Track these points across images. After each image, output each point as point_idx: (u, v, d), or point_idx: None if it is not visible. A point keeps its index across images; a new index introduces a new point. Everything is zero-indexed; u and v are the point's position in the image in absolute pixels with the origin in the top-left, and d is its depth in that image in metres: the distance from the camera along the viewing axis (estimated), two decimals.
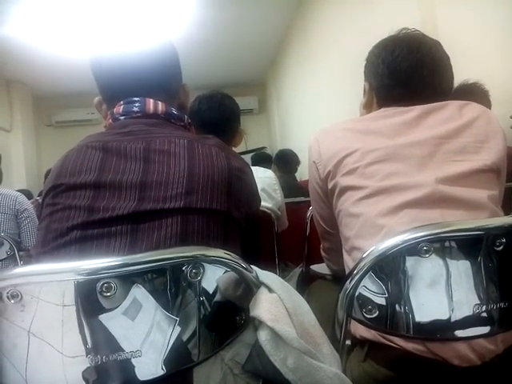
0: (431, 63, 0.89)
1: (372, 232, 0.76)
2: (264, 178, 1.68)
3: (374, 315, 0.62)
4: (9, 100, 5.35)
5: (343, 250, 0.86)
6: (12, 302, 0.53)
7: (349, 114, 1.14)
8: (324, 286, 1.16)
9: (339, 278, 1.05)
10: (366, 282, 0.62)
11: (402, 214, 0.75)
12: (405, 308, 0.64)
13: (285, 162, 3.48)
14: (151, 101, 0.79)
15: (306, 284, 1.33)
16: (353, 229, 0.80)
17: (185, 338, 0.58)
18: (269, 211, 1.58)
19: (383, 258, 0.61)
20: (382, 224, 0.75)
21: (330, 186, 0.87)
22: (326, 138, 0.90)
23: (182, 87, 0.89)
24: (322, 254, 1.11)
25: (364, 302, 0.62)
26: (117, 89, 0.82)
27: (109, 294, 0.55)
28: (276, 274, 0.66)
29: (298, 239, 1.65)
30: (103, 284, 0.54)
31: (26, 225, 2.28)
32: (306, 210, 1.73)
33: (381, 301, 0.63)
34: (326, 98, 3.68)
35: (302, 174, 3.97)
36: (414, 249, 0.62)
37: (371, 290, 0.63)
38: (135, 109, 0.79)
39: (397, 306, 0.64)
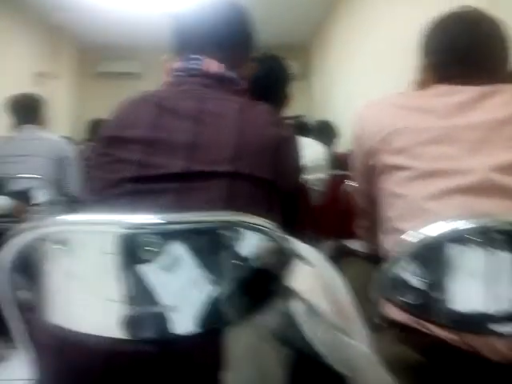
0: (490, 42, 0.85)
1: (416, 215, 0.74)
2: (313, 150, 1.65)
3: (410, 299, 0.62)
4: (56, 48, 5.42)
5: (381, 230, 0.84)
6: (59, 247, 0.56)
7: (398, 87, 1.09)
8: (356, 263, 1.15)
9: (372, 256, 1.04)
10: (406, 265, 0.61)
11: (450, 199, 0.72)
12: (442, 296, 0.62)
13: (323, 133, 3.42)
14: (209, 60, 0.79)
15: (337, 259, 1.33)
16: (395, 210, 0.78)
17: (219, 299, 0.59)
18: (307, 184, 1.57)
19: (426, 244, 0.60)
20: (428, 208, 0.73)
21: (371, 162, 0.85)
22: (373, 112, 0.88)
23: (246, 64, 0.89)
24: (357, 230, 1.10)
25: (401, 285, 0.62)
26: (186, 42, 0.83)
27: (150, 248, 0.56)
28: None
29: (331, 212, 1.64)
30: (145, 239, 0.56)
31: (69, 171, 2.35)
32: (341, 184, 1.71)
33: (419, 286, 0.62)
34: (374, 69, 3.53)
35: (340, 146, 3.90)
36: (460, 237, 0.60)
37: (410, 273, 0.61)
38: (192, 66, 0.79)
39: (434, 292, 0.62)
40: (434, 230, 0.59)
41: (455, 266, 0.62)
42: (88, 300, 0.59)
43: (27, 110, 2.38)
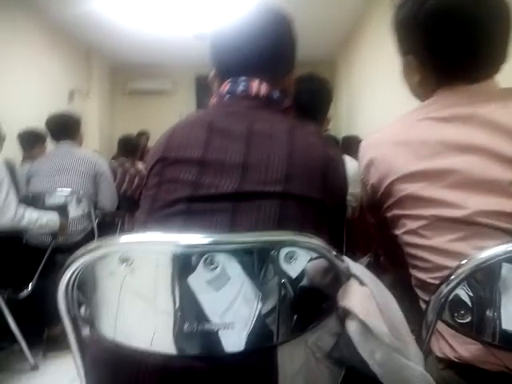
0: (496, 15, 0.71)
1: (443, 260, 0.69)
2: (349, 166, 1.65)
3: (466, 320, 0.61)
4: (88, 67, 5.61)
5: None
6: (123, 265, 0.58)
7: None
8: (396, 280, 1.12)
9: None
10: (462, 287, 0.60)
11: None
12: (496, 316, 0.61)
13: (350, 149, 3.39)
14: (256, 82, 0.81)
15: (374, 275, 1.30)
16: (419, 260, 0.73)
17: (270, 317, 0.60)
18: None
19: (483, 267, 0.59)
20: (454, 250, 0.68)
21: (382, 213, 0.79)
22: (376, 156, 0.78)
23: (290, 75, 0.90)
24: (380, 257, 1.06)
25: (456, 306, 0.61)
26: (228, 64, 0.84)
27: (206, 266, 0.57)
28: None
29: (366, 228, 1.62)
30: (201, 257, 0.57)
31: (103, 186, 2.43)
32: None
33: (473, 306, 0.61)
34: (400, 84, 3.49)
35: None
36: None
37: (465, 295, 0.61)
38: (240, 88, 0.81)
39: (488, 313, 0.61)
40: (490, 253, 0.58)
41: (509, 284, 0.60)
42: (142, 316, 0.61)
43: (64, 128, 2.48)
